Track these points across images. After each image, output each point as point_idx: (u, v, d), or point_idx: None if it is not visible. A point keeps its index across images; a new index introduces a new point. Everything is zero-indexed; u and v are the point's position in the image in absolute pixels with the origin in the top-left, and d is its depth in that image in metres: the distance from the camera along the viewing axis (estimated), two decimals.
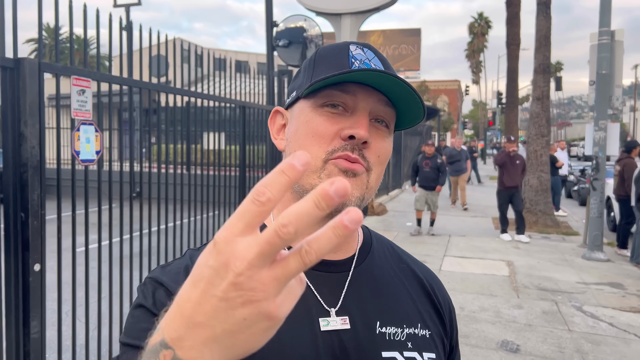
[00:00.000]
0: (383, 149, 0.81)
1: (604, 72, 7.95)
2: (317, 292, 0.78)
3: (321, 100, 0.78)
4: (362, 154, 0.77)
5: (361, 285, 0.82)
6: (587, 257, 7.73)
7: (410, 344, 0.80)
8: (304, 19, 7.66)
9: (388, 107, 0.79)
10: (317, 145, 0.77)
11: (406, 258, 0.95)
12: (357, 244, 0.87)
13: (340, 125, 0.77)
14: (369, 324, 0.78)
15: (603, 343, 4.51)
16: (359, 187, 0.77)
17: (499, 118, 38.97)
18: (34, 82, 2.71)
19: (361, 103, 0.77)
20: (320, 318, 0.76)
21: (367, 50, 0.81)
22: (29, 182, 2.70)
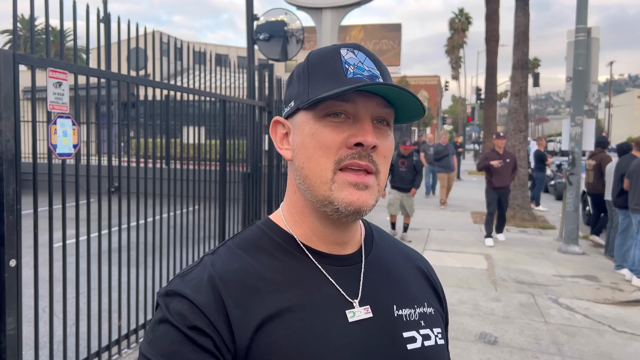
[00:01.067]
0: (388, 148, 0.83)
1: (580, 69, 8.09)
2: (339, 286, 0.83)
3: (323, 112, 0.80)
4: (371, 158, 0.79)
5: (374, 274, 0.88)
6: (563, 250, 7.88)
7: (423, 322, 0.87)
8: (284, 13, 7.63)
9: (387, 108, 0.82)
10: (325, 157, 0.79)
11: (402, 246, 1.03)
12: (362, 237, 0.93)
13: (345, 134, 0.79)
14: (387, 309, 0.85)
15: (578, 334, 4.61)
16: (373, 195, 0.80)
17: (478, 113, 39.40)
18: (8, 74, 2.65)
19: (362, 109, 0.79)
20: (346, 310, 0.81)
21: (358, 52, 0.82)
22: (4, 176, 2.64)
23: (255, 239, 0.87)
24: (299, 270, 0.83)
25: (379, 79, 0.81)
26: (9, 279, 2.69)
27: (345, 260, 0.87)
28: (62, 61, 3.07)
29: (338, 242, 0.87)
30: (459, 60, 53.38)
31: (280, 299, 0.78)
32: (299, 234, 0.87)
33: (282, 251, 0.85)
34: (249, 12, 7.40)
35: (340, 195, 0.78)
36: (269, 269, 0.82)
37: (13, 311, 2.72)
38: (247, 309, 0.76)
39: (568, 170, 8.30)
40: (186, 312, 0.74)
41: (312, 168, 0.80)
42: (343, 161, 0.78)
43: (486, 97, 21.47)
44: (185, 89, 4.61)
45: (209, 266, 0.81)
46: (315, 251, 0.85)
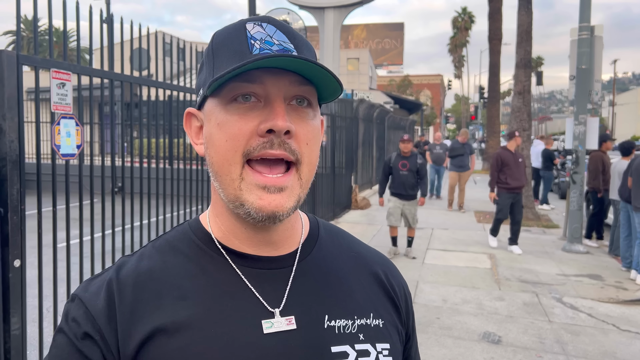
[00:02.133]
0: (310, 132, 0.73)
1: (583, 67, 8.06)
2: (259, 293, 0.73)
3: (228, 96, 0.70)
4: (287, 146, 0.69)
5: (307, 280, 0.78)
6: (567, 249, 7.86)
7: (362, 335, 0.76)
8: (287, 13, 7.64)
9: (304, 85, 0.71)
10: (233, 149, 0.69)
11: (357, 247, 0.90)
12: (302, 237, 0.82)
13: (255, 122, 0.69)
14: (316, 320, 0.75)
15: (582, 333, 4.60)
16: (291, 196, 0.71)
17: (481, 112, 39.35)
18: (12, 75, 2.66)
19: (272, 90, 0.69)
20: (263, 320, 0.71)
21: (267, 25, 0.72)
22: (8, 176, 2.65)
23: (175, 239, 0.80)
24: (213, 275, 0.74)
25: (292, 52, 0.70)
26: (13, 279, 2.70)
27: (274, 262, 0.77)
28: (66, 62, 3.08)
29: (267, 243, 0.77)
30: (461, 59, 53.31)
31: (183, 306, 0.71)
32: (218, 235, 0.78)
33: (199, 253, 0.76)
34: (252, 12, 7.41)
35: (250, 198, 0.69)
36: (180, 273, 0.74)
37: (17, 311, 2.73)
38: (141, 316, 0.70)
39: (572, 169, 8.29)
40: (80, 318, 0.71)
41: (221, 163, 0.71)
42: (253, 152, 0.69)
43: (489, 96, 21.45)
44: (188, 89, 4.62)
45: (115, 269, 0.76)
46: (236, 252, 0.76)
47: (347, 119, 11.34)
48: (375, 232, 9.03)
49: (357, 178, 12.70)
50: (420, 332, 4.54)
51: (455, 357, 4.09)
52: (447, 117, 54.70)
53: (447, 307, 5.24)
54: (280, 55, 0.65)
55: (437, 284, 6.02)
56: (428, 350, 4.18)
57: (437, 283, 6.07)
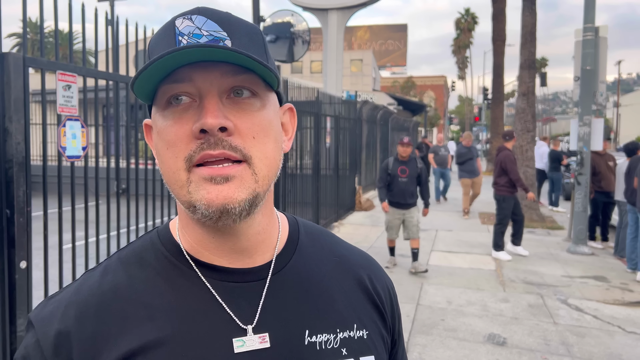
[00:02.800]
0: (257, 124, 0.66)
1: (588, 68, 8.04)
2: (230, 308, 0.68)
3: (162, 100, 0.66)
4: (228, 144, 0.63)
5: (284, 292, 0.72)
6: (572, 250, 7.83)
7: (345, 350, 0.72)
8: (291, 14, 7.65)
9: (240, 74, 0.65)
10: (174, 157, 0.64)
11: (341, 249, 0.84)
12: (278, 242, 0.76)
13: (189, 124, 0.64)
14: (295, 336, 0.70)
15: (588, 335, 4.58)
16: (241, 186, 0.64)
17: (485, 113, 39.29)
18: (18, 77, 2.67)
19: (203, 85, 0.63)
20: (234, 338, 0.67)
21: (197, 17, 0.65)
22: (15, 178, 2.66)
23: (143, 250, 0.74)
24: (183, 291, 0.69)
25: (224, 41, 0.64)
26: (20, 280, 2.71)
27: (249, 275, 0.71)
28: (72, 64, 3.09)
29: (238, 251, 0.71)
30: (465, 61, 53.27)
31: (150, 328, 0.65)
32: (186, 246, 0.72)
33: (168, 266, 0.71)
34: (256, 13, 7.42)
35: (198, 196, 0.63)
36: (147, 289, 0.69)
37: (24, 313, 2.74)
38: (105, 342, 0.65)
39: (576, 170, 8.26)
40: (31, 351, 0.66)
41: (167, 173, 0.66)
42: (194, 156, 0.63)
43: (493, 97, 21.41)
44: None
45: (75, 289, 0.70)
46: (207, 265, 0.71)
47: (350, 120, 11.34)
48: (380, 234, 9.02)
49: (360, 179, 12.70)
50: (424, 334, 4.54)
51: (460, 358, 4.08)
52: (451, 119, 54.67)
53: (452, 308, 5.23)
54: (187, 47, 0.59)
55: (442, 286, 6.01)
56: (433, 352, 4.17)
57: (441, 285, 6.06)
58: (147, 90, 0.66)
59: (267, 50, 0.72)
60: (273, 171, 0.69)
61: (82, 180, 3.37)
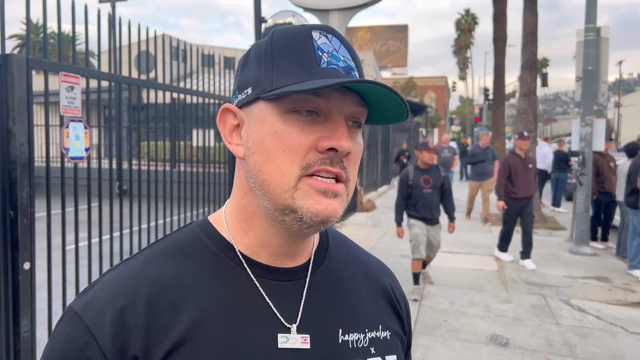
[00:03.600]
0: (359, 153, 0.73)
1: (590, 69, 8.04)
2: (274, 305, 0.72)
3: (289, 106, 0.67)
4: (343, 166, 0.69)
5: (320, 292, 0.76)
6: (574, 251, 7.83)
7: (373, 349, 0.76)
8: (292, 15, 7.65)
9: (362, 106, 0.71)
10: (290, 161, 0.67)
11: (362, 256, 0.89)
12: (313, 246, 0.81)
13: (315, 136, 0.67)
14: (330, 335, 0.74)
15: (590, 336, 4.58)
16: (342, 204, 0.70)
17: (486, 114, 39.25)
18: (21, 79, 2.68)
19: (335, 107, 0.68)
20: (279, 334, 0.70)
21: (332, 37, 0.70)
22: (18, 179, 2.67)
23: (186, 243, 0.75)
24: (231, 286, 0.71)
25: (354, 71, 0.70)
26: (23, 281, 2.71)
27: (289, 274, 0.75)
28: (75, 65, 3.10)
29: (287, 254, 0.75)
30: (466, 61, 53.23)
31: (200, 319, 0.68)
32: (241, 242, 0.75)
33: (215, 261, 0.73)
34: (257, 14, 7.42)
35: (305, 204, 0.67)
36: (195, 281, 0.70)
37: (27, 314, 2.74)
38: (158, 332, 0.66)
39: (578, 170, 8.25)
40: (80, 339, 0.65)
41: (272, 173, 0.68)
42: (312, 167, 0.67)
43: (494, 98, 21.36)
44: (193, 91, 4.63)
45: (117, 280, 0.70)
46: (255, 263, 0.74)
47: None
48: (381, 235, 9.02)
49: (362, 180, 12.70)
50: (427, 335, 4.53)
51: (463, 359, 4.07)
52: (452, 119, 54.63)
53: (454, 309, 5.22)
54: (364, 82, 0.64)
55: (444, 287, 6.00)
56: (435, 353, 4.17)
57: (443, 285, 6.05)
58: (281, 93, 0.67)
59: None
60: (352, 193, 0.74)
61: (85, 181, 3.38)
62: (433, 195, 5.62)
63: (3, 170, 2.65)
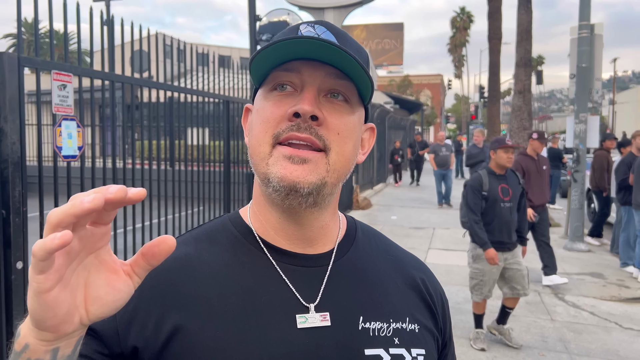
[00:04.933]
0: (343, 124, 0.73)
1: (584, 66, 8.06)
2: (294, 287, 0.73)
3: (269, 85, 0.74)
4: (315, 132, 0.70)
5: (342, 279, 0.77)
6: (569, 247, 7.85)
7: (398, 339, 0.75)
8: (287, 13, 7.64)
9: (341, 79, 0.72)
10: (264, 131, 0.72)
11: (394, 250, 0.90)
12: (338, 236, 0.82)
13: (285, 107, 0.71)
14: (351, 320, 0.73)
15: (585, 332, 4.60)
16: (315, 171, 0.70)
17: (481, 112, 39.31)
18: (13, 77, 2.67)
19: (307, 79, 0.71)
20: (297, 315, 0.71)
21: (318, 26, 0.74)
22: (10, 178, 2.66)
23: (214, 230, 0.80)
24: (251, 267, 0.74)
25: None
26: (16, 281, 2.70)
27: (310, 260, 0.77)
28: (67, 64, 3.09)
29: (302, 239, 0.77)
30: (461, 59, 53.30)
31: (218, 294, 0.71)
32: (259, 229, 0.79)
33: (237, 245, 0.77)
34: (252, 13, 7.41)
35: (274, 169, 0.70)
36: (216, 261, 0.75)
37: (20, 313, 2.73)
38: (173, 300, 0.70)
39: (573, 167, 8.28)
40: None
41: (253, 144, 0.74)
42: (281, 135, 0.70)
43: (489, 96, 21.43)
44: (189, 90, 4.62)
45: None
46: (274, 247, 0.77)
47: None
48: None
49: (358, 178, 12.70)
50: None
51: (458, 355, 4.07)
52: (448, 117, 54.68)
53: (450, 306, 5.22)
54: (306, 38, 0.67)
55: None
56: None
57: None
58: (260, 73, 0.74)
59: (369, 69, 0.76)
60: (344, 170, 0.75)
61: (79, 180, 3.37)
62: (512, 210, 4.20)
63: None
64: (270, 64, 0.72)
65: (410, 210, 11.81)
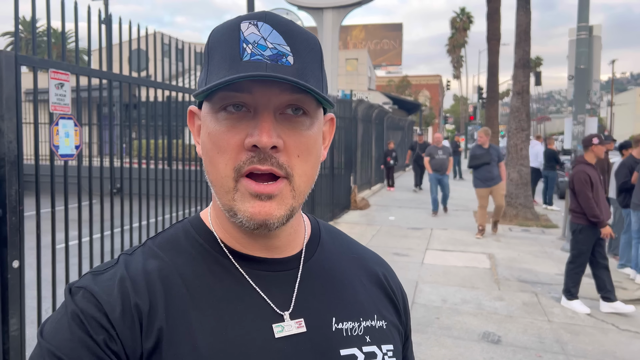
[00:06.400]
0: (303, 144, 0.69)
1: (582, 67, 8.07)
2: (267, 296, 0.72)
3: (218, 105, 0.67)
4: (276, 161, 0.66)
5: (313, 282, 0.77)
6: (566, 249, 7.83)
7: (369, 337, 0.76)
8: (286, 13, 7.64)
9: (297, 93, 0.66)
10: (224, 163, 0.67)
11: (357, 247, 0.90)
12: (304, 238, 0.81)
13: (241, 135, 0.66)
14: (324, 323, 0.74)
15: (582, 333, 4.60)
16: (281, 204, 0.68)
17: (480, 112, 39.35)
18: (10, 75, 2.65)
19: (261, 100, 0.65)
20: (273, 324, 0.70)
21: (262, 25, 0.66)
22: (7, 177, 2.65)
23: (177, 238, 0.77)
24: (221, 277, 0.72)
25: (285, 57, 0.66)
26: (12, 280, 2.69)
27: (279, 265, 0.75)
28: (64, 62, 3.07)
29: (268, 248, 0.75)
30: (460, 60, 53.31)
31: (194, 307, 0.68)
32: (221, 235, 0.76)
33: (204, 253, 0.74)
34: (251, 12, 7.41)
35: (242, 207, 0.67)
36: (187, 273, 0.72)
37: (16, 312, 2.72)
38: (154, 316, 0.67)
39: (570, 169, 8.29)
40: (92, 311, 0.65)
41: (214, 175, 0.69)
42: (243, 167, 0.66)
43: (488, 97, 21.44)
44: (187, 89, 4.61)
45: (122, 267, 0.71)
46: (241, 254, 0.74)
47: (346, 119, 11.33)
48: (375, 232, 9.03)
49: (356, 178, 12.70)
50: (420, 332, 4.54)
51: (455, 357, 4.08)
52: (446, 118, 54.69)
53: (447, 307, 5.23)
54: (256, 76, 0.62)
55: (437, 284, 6.02)
56: (428, 350, 4.18)
57: (436, 283, 6.06)
58: (201, 96, 0.68)
59: (323, 67, 0.73)
60: (309, 186, 0.73)
61: (76, 179, 3.36)
62: None
63: None
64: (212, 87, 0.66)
65: (408, 210, 11.81)
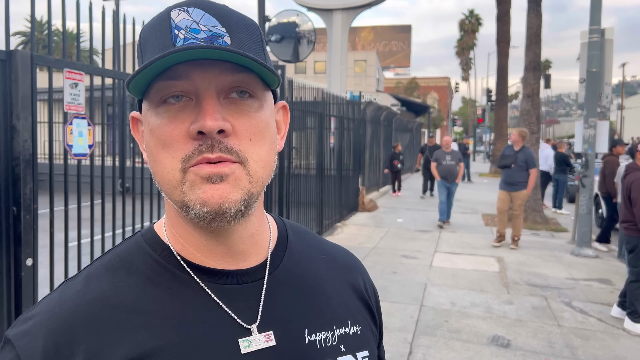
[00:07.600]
0: (254, 126, 0.64)
1: (594, 70, 8.02)
2: (232, 310, 0.66)
3: (157, 98, 0.63)
4: (225, 146, 0.61)
5: (281, 291, 0.71)
6: (576, 253, 7.81)
7: (343, 346, 0.72)
8: (296, 14, 7.65)
9: (239, 72, 0.62)
10: (170, 156, 0.62)
11: (327, 247, 0.85)
12: (270, 243, 0.75)
13: (185, 124, 0.61)
14: (296, 335, 0.69)
15: (592, 338, 4.57)
16: (236, 186, 0.62)
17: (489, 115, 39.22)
18: (26, 75, 2.68)
19: (201, 84, 0.61)
20: (240, 339, 0.65)
21: (193, 10, 0.62)
22: (22, 175, 2.67)
23: (130, 255, 0.69)
24: (180, 296, 0.66)
25: (222, 38, 0.61)
26: (26, 277, 2.71)
27: (244, 276, 0.69)
28: (79, 62, 3.10)
29: (232, 255, 0.69)
30: (469, 62, 53.17)
31: (148, 336, 0.62)
32: (177, 248, 0.69)
33: (159, 270, 0.67)
34: (261, 13, 7.42)
35: (193, 195, 0.61)
36: (138, 295, 0.65)
37: None
38: (99, 356, 0.60)
39: (581, 172, 8.24)
40: None
41: (160, 173, 0.64)
42: (192, 159, 0.61)
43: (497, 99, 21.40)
44: None
45: (54, 301, 0.65)
46: (201, 268, 0.68)
47: (354, 120, 11.34)
48: (383, 235, 9.01)
49: (364, 180, 12.70)
50: (428, 335, 4.53)
51: None
52: (454, 120, 54.56)
53: (456, 310, 5.22)
54: (188, 49, 0.57)
55: (446, 287, 6.00)
56: (437, 354, 4.16)
57: (445, 286, 6.04)
58: (140, 86, 0.63)
59: (265, 47, 0.69)
60: (267, 173, 0.67)
61: (88, 178, 3.38)
62: None
63: (6, 167, 2.65)
64: (151, 73, 0.61)
65: (416, 213, 11.78)
